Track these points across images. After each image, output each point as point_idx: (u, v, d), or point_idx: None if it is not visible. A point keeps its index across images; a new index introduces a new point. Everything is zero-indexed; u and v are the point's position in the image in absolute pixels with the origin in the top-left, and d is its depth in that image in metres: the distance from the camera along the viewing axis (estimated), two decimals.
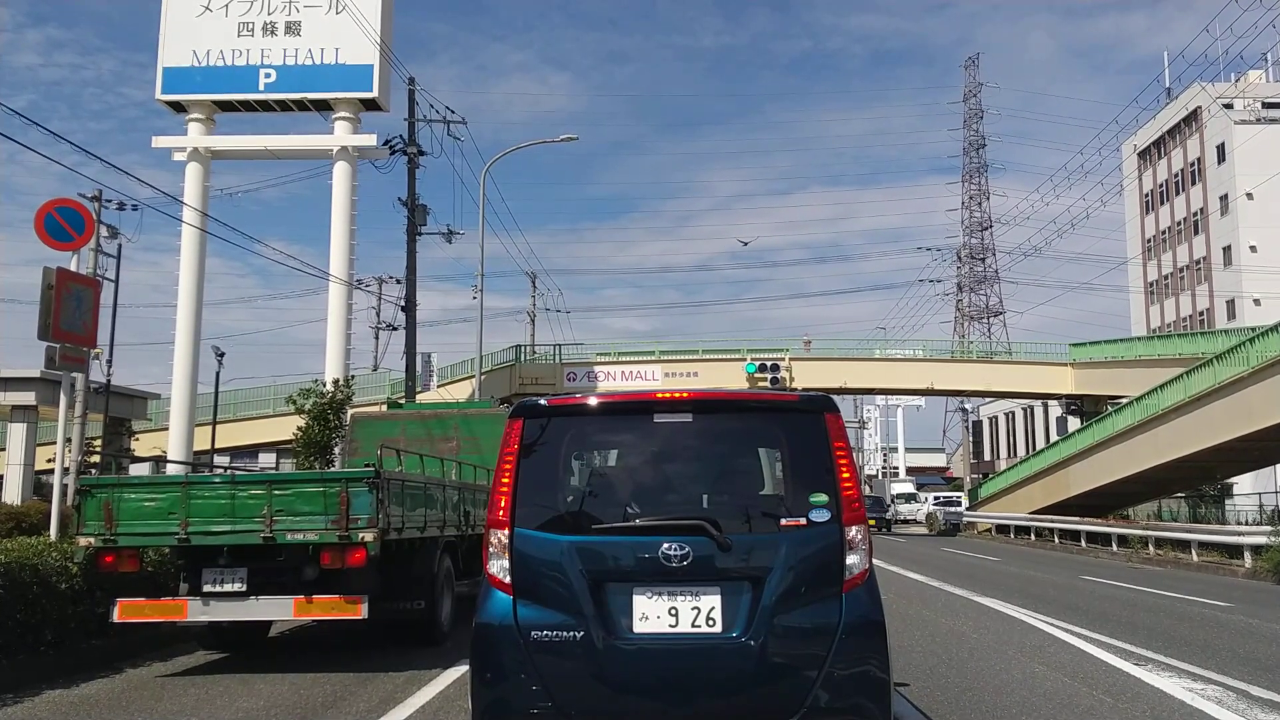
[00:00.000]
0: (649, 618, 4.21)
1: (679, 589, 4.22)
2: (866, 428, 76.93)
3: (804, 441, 4.47)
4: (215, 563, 8.28)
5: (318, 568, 8.21)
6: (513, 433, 4.48)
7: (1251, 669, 8.41)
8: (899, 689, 6.66)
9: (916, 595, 14.39)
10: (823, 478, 4.37)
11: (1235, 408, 24.37)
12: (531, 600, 4.25)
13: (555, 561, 4.27)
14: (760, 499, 4.59)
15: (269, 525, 7.90)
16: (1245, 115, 53.64)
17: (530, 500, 4.39)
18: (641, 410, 4.65)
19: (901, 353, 46.00)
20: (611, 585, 4.24)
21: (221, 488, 8.33)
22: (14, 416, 28.14)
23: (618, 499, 4.54)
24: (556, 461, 4.51)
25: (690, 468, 4.66)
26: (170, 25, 30.46)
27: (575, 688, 4.15)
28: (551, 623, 4.20)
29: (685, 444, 4.61)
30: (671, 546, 4.21)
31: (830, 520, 4.30)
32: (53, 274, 10.15)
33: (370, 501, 7.92)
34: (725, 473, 4.65)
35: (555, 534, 4.33)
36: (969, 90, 75.86)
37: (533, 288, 51.39)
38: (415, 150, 27.55)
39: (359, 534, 7.86)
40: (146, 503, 8.20)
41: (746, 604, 4.20)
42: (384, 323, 45.30)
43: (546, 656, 4.16)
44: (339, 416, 22.81)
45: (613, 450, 4.80)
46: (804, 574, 4.25)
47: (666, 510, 4.41)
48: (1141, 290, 60.79)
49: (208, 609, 8.14)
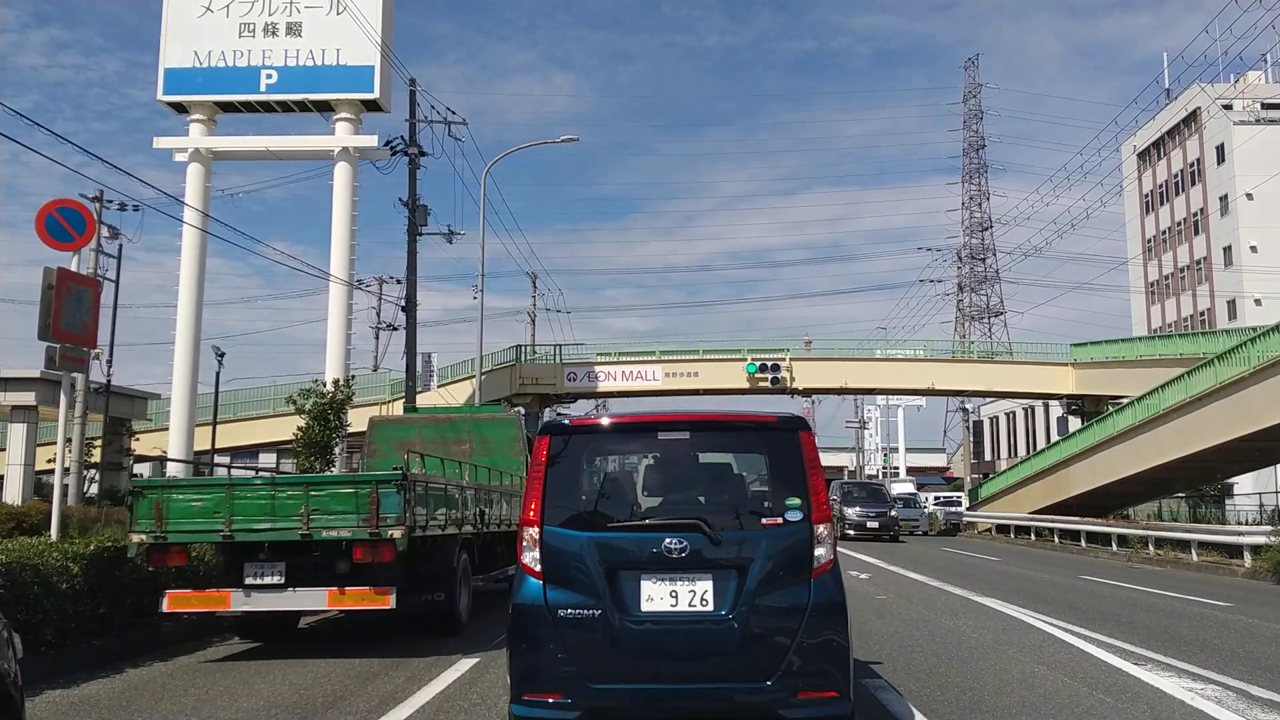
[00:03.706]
0: (654, 599, 5.04)
1: (678, 576, 5.05)
2: (867, 428, 76.82)
3: (781, 455, 5.35)
4: (256, 557, 8.95)
5: (350, 562, 8.85)
6: (541, 447, 5.33)
7: (1251, 669, 8.42)
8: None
9: (917, 595, 14.40)
10: (797, 485, 5.23)
11: (1236, 408, 24.36)
12: (558, 585, 5.08)
13: (577, 553, 5.10)
14: (745, 501, 5.48)
15: (306, 523, 8.54)
16: (1245, 116, 53.63)
17: (556, 503, 5.21)
18: (647, 429, 5.62)
19: (902, 353, 45.97)
20: (623, 572, 5.07)
21: (262, 488, 8.92)
22: (14, 416, 28.14)
23: (627, 501, 5.48)
24: (578, 471, 5.41)
25: (687, 476, 5.60)
26: (171, 26, 30.47)
27: (594, 656, 4.97)
28: (574, 603, 5.03)
29: (683, 456, 5.57)
30: (672, 541, 5.04)
31: (802, 520, 5.15)
32: (53, 274, 10.15)
33: (398, 501, 8.57)
34: (716, 480, 5.64)
35: (577, 530, 5.16)
36: (969, 91, 75.91)
37: (533, 288, 51.47)
38: (416, 151, 27.54)
39: (388, 531, 8.50)
40: (193, 502, 8.86)
41: (733, 588, 5.03)
42: (384, 323, 45.42)
43: (571, 630, 5.00)
44: (339, 416, 22.83)
45: (623, 462, 5.89)
46: (780, 563, 5.09)
47: (668, 511, 5.31)
48: (1142, 290, 60.79)
49: (249, 600, 8.82)
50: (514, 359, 43.31)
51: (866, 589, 15.23)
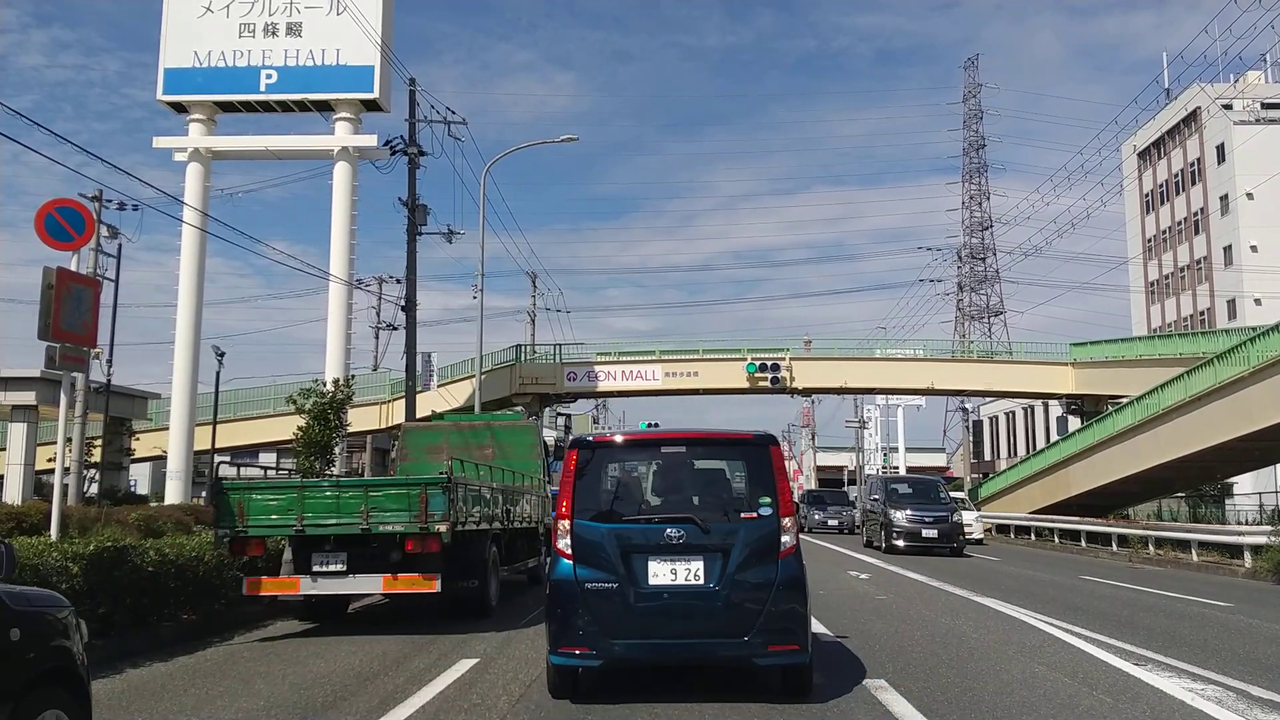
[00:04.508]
0: (658, 575, 6.54)
1: (676, 557, 6.55)
2: (866, 427, 76.79)
3: (756, 464, 6.87)
4: (322, 548, 10.22)
5: (402, 552, 10.16)
6: (570, 458, 6.85)
7: (1251, 669, 8.43)
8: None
9: (917, 595, 14.39)
10: (768, 487, 6.72)
11: (1235, 408, 24.36)
12: (584, 564, 6.58)
13: (599, 541, 6.60)
14: (728, 500, 6.95)
15: (366, 518, 9.90)
16: (1244, 116, 53.63)
17: (582, 501, 6.71)
18: (652, 444, 7.39)
19: (902, 352, 45.87)
20: (634, 555, 6.57)
21: (329, 490, 10.38)
22: (14, 416, 28.17)
23: (636, 500, 7.06)
24: (598, 476, 6.91)
25: (683, 481, 7.15)
26: (171, 26, 30.45)
27: (613, 618, 6.48)
28: (597, 578, 6.55)
29: (680, 466, 7.16)
30: (671, 531, 6.57)
31: (772, 514, 6.64)
32: (53, 274, 10.14)
33: (444, 501, 9.89)
34: (706, 484, 7.18)
35: (598, 523, 6.68)
36: (969, 91, 75.92)
37: (533, 287, 51.49)
38: (416, 151, 27.51)
39: (435, 526, 9.85)
40: (270, 501, 10.24)
41: (719, 566, 6.54)
42: (384, 322, 45.43)
43: (595, 599, 6.50)
44: (339, 416, 22.82)
45: (633, 469, 7.33)
46: (755, 548, 6.58)
47: (668, 508, 6.89)
48: (1142, 290, 60.78)
49: (315, 584, 10.21)
50: (514, 359, 43.27)
51: (866, 589, 15.22)
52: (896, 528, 25.74)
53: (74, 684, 4.60)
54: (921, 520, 25.89)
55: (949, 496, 28.27)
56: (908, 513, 26.29)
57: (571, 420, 68.02)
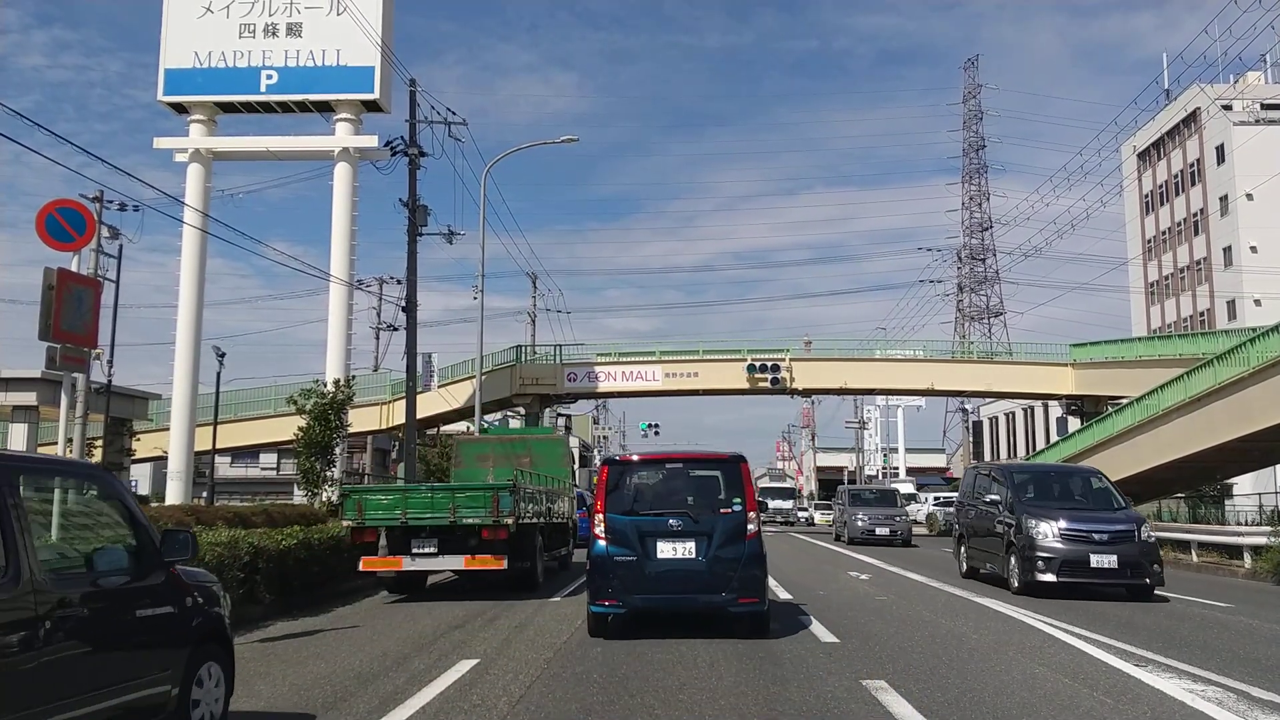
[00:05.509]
0: (664, 551, 9.53)
1: (677, 539, 9.55)
2: (866, 428, 76.79)
3: (731, 475, 9.87)
4: (419, 535, 13.36)
5: (478, 539, 13.29)
6: (604, 471, 10.10)
7: (1252, 670, 8.43)
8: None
9: (917, 595, 14.39)
10: (739, 491, 9.74)
11: (1235, 408, 24.34)
12: (613, 544, 9.57)
13: (624, 528, 9.61)
14: (713, 501, 9.84)
15: (453, 513, 13.18)
16: (1244, 116, 53.59)
17: (612, 501, 9.77)
18: (660, 462, 10.46)
19: (902, 353, 45.86)
20: (648, 538, 9.55)
21: (425, 492, 13.98)
22: (15, 417, 28.15)
23: (648, 500, 9.97)
24: (622, 483, 10.00)
25: (680, 487, 10.10)
26: (172, 27, 30.47)
27: (633, 581, 9.49)
28: (623, 554, 9.53)
29: (680, 476, 10.22)
30: (673, 521, 9.62)
31: (741, 509, 9.65)
32: (54, 274, 10.16)
33: (510, 501, 13.18)
34: (696, 489, 10.06)
35: (623, 516, 9.70)
36: (969, 91, 75.92)
37: (533, 288, 51.47)
38: (416, 151, 27.46)
39: (504, 519, 13.11)
40: (382, 500, 13.71)
41: (705, 545, 9.52)
42: (385, 323, 45.37)
43: (620, 568, 9.50)
44: (340, 417, 22.84)
45: (647, 478, 10.23)
46: (729, 533, 9.57)
47: (670, 506, 9.83)
48: (1142, 290, 60.76)
49: (414, 563, 13.44)
50: (514, 359, 43.27)
51: (866, 589, 15.22)
52: (1044, 551, 14.22)
53: (224, 643, 5.97)
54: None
55: (1125, 499, 16.03)
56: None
57: (571, 421, 68.04)
